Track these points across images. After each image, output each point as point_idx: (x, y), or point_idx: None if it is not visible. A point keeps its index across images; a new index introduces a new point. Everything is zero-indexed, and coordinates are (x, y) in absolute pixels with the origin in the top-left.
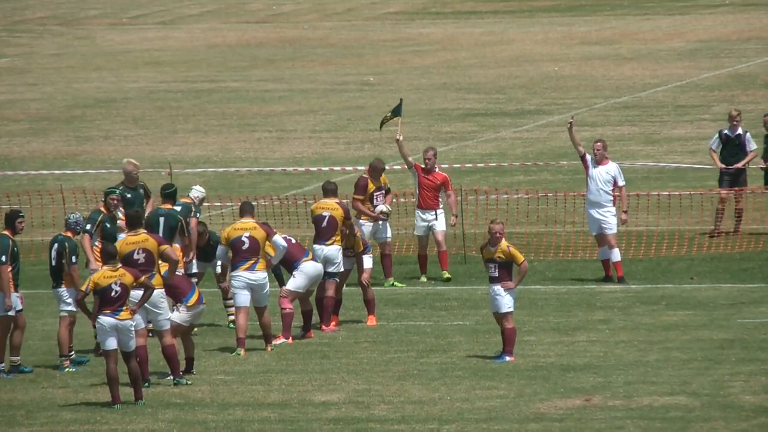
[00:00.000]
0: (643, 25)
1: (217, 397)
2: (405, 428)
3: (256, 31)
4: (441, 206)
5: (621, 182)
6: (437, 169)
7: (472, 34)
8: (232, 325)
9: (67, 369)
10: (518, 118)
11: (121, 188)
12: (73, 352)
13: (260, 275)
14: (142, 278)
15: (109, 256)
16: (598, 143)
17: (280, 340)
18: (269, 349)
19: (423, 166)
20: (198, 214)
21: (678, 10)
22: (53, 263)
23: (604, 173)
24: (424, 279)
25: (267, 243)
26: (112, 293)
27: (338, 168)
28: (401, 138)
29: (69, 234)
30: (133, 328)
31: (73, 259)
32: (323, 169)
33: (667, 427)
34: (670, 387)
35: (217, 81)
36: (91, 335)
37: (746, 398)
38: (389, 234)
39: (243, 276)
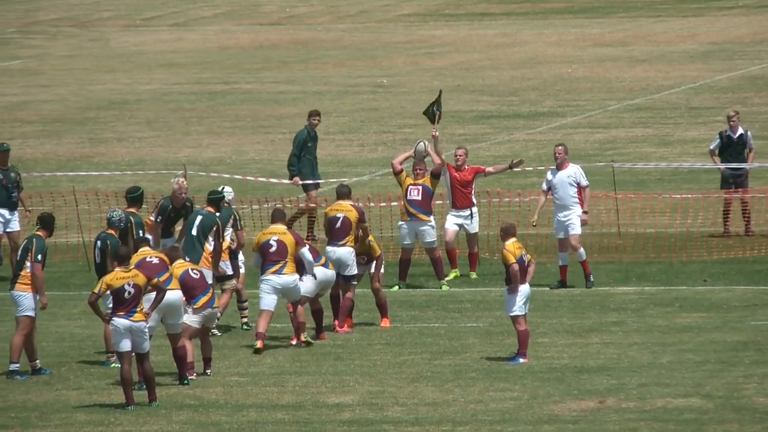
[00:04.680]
0: (656, 27)
1: (231, 398)
2: (419, 430)
3: (269, 32)
4: (475, 205)
5: (584, 183)
6: (467, 167)
7: (485, 35)
8: (245, 327)
9: (113, 365)
10: (532, 119)
11: (169, 205)
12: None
13: (289, 279)
14: (155, 280)
15: (121, 258)
16: (560, 147)
17: (294, 342)
18: (302, 340)
19: (454, 164)
20: (242, 224)
21: (691, 12)
22: (98, 261)
23: (566, 177)
24: (455, 273)
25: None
26: (125, 294)
27: (352, 170)
28: (437, 134)
29: (112, 232)
30: (147, 330)
31: None
32: (336, 170)
33: (681, 429)
34: (683, 389)
35: (231, 83)
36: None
37: (760, 400)
38: (433, 238)
39: (272, 280)
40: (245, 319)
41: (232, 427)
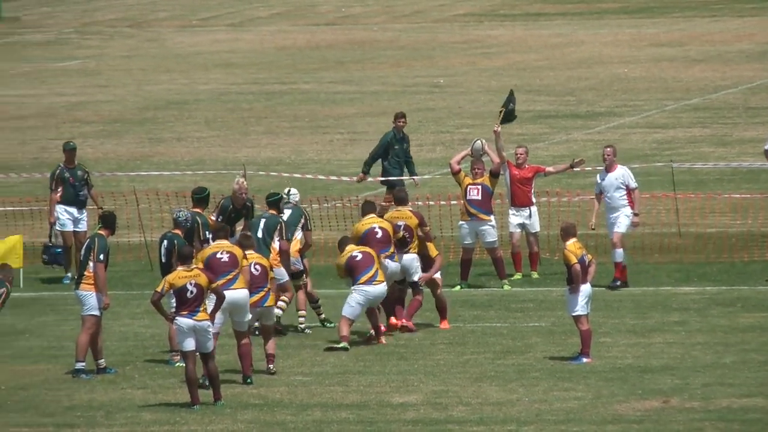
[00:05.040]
0: (712, 27)
1: (295, 398)
2: (483, 429)
3: (325, 33)
4: (534, 203)
5: (633, 185)
6: (527, 166)
7: (541, 35)
8: (328, 324)
9: (177, 364)
10: (589, 119)
11: (230, 205)
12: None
13: (381, 289)
14: (215, 284)
15: (184, 257)
16: (609, 149)
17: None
18: (383, 341)
19: (514, 162)
20: (311, 225)
21: (747, 12)
22: (163, 260)
23: (614, 180)
24: (519, 276)
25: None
26: (188, 293)
27: None
28: (499, 129)
29: (178, 232)
30: (210, 329)
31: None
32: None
33: (745, 429)
34: (747, 389)
35: (288, 83)
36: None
37: None
38: (493, 238)
39: (364, 290)
40: (323, 315)
41: (296, 426)
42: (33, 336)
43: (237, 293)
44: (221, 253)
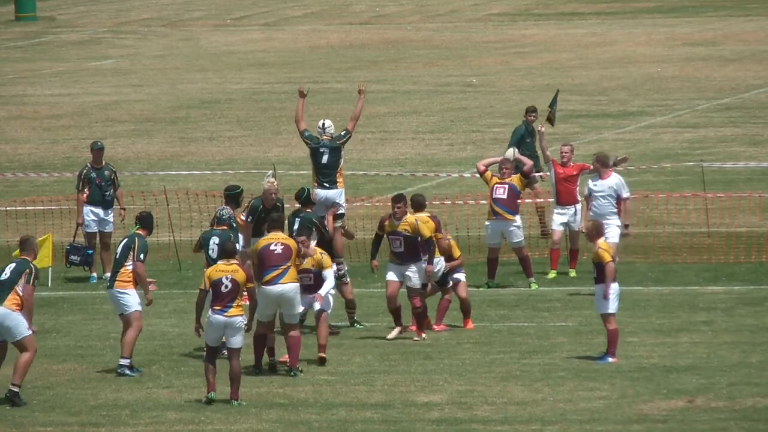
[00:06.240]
0: (746, 26)
1: (320, 397)
2: (508, 429)
3: (359, 32)
4: (579, 202)
5: (625, 195)
6: (572, 164)
7: (574, 35)
8: (358, 325)
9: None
10: (621, 119)
11: (260, 205)
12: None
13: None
14: (251, 284)
15: (227, 253)
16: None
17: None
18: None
19: (559, 161)
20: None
21: None
22: (213, 256)
23: (606, 187)
24: (553, 274)
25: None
26: (222, 287)
27: (441, 169)
28: (543, 129)
29: (224, 227)
30: (242, 325)
31: (238, 247)
32: (426, 170)
33: None
34: None
35: (321, 82)
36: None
37: None
38: (520, 238)
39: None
40: (354, 317)
41: (321, 425)
42: (60, 335)
43: (285, 287)
44: (275, 245)
